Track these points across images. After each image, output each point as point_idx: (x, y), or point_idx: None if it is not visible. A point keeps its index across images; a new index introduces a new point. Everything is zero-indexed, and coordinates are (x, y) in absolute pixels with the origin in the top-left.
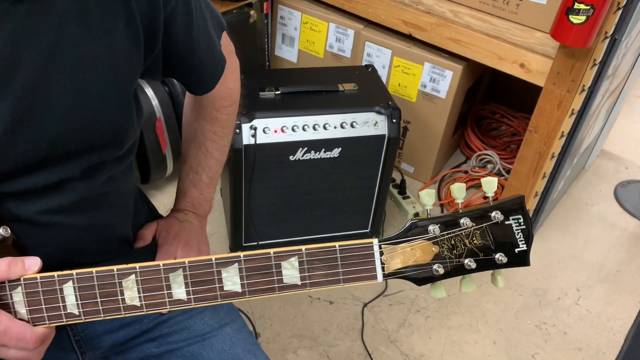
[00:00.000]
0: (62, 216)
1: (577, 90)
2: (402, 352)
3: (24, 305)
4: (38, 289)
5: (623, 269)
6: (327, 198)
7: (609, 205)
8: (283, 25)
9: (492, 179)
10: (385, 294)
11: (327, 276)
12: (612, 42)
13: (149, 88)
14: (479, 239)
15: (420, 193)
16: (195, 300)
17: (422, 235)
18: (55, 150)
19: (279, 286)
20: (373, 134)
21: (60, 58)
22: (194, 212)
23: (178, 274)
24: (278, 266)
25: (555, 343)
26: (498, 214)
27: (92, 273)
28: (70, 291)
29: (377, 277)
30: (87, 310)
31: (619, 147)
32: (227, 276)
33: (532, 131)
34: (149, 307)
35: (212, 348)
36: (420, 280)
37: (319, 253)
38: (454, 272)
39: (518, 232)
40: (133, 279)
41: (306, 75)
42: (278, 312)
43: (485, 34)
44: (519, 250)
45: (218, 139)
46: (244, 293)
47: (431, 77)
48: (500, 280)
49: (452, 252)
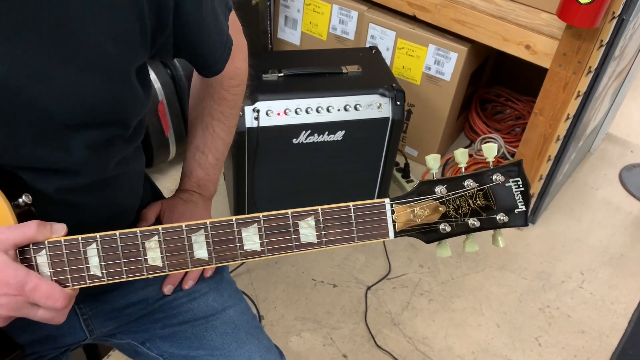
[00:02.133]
0: (74, 195)
1: (584, 72)
2: (405, 334)
3: (48, 268)
4: (62, 251)
5: (627, 253)
6: (330, 181)
7: (614, 189)
8: (286, 7)
9: (492, 144)
10: (388, 277)
11: (342, 234)
12: (619, 22)
13: (151, 71)
14: (481, 199)
15: (426, 157)
16: (216, 259)
17: (430, 195)
18: (53, 121)
19: (297, 244)
20: (377, 116)
21: (63, 33)
22: (199, 193)
23: (200, 234)
24: (295, 225)
25: (558, 326)
26: (499, 175)
27: (115, 235)
28: (94, 252)
29: (389, 235)
30: (110, 271)
31: (624, 130)
32: (247, 235)
33: (537, 114)
34: (171, 267)
35: (216, 330)
36: (428, 238)
37: (334, 212)
38: (459, 231)
39: (517, 194)
40: (156, 240)
41: (309, 57)
42: (282, 295)
43: (490, 15)
44: (518, 211)
45: (225, 120)
46: (263, 252)
47: (436, 59)
48: (501, 240)
49: (457, 211)
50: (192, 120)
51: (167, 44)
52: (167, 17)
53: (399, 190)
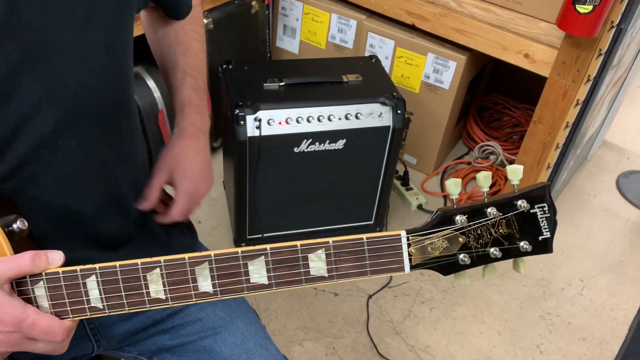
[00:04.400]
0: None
1: (583, 81)
2: (407, 343)
3: (46, 300)
4: (60, 283)
5: (626, 259)
6: (331, 190)
7: (612, 196)
8: (284, 16)
9: (517, 166)
10: (389, 286)
11: (354, 268)
12: (618, 31)
13: (151, 80)
14: (504, 227)
15: (446, 182)
16: (221, 292)
17: (449, 225)
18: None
19: (306, 278)
20: (378, 125)
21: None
22: (201, 127)
23: (204, 267)
24: (305, 259)
25: (559, 333)
26: (524, 202)
27: (115, 267)
28: (94, 285)
29: (405, 269)
30: (111, 304)
31: (620, 137)
32: (254, 269)
33: (536, 122)
34: (175, 300)
35: (225, 342)
36: (447, 270)
37: (346, 245)
38: (480, 261)
39: (542, 220)
40: (158, 273)
41: (310, 66)
42: (283, 304)
43: (489, 24)
44: (543, 238)
45: (200, 39)
46: (270, 285)
47: (435, 68)
48: (522, 267)
49: (478, 241)
50: (166, 48)
51: None
52: None
53: (399, 198)
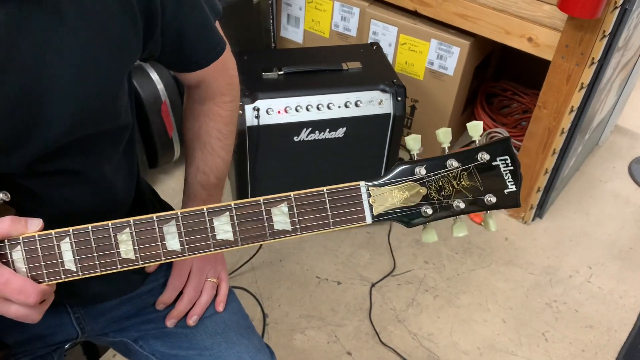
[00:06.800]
0: (62, 188)
1: (587, 64)
2: (410, 331)
3: (23, 264)
4: (36, 246)
5: (636, 246)
6: (332, 178)
7: (623, 182)
8: (288, 5)
9: (477, 122)
10: (393, 274)
11: (317, 220)
12: (622, 12)
13: (154, 72)
14: (466, 180)
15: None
16: (189, 250)
17: (408, 176)
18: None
19: (270, 232)
20: (378, 112)
21: (57, 43)
22: None
23: (171, 224)
24: (268, 212)
25: (565, 321)
26: (484, 154)
27: (87, 229)
28: (68, 247)
29: (366, 219)
30: (84, 265)
31: (634, 122)
32: (219, 225)
33: (541, 106)
34: (144, 260)
35: (206, 330)
36: (410, 221)
37: (307, 198)
38: (443, 214)
39: (506, 173)
40: (128, 232)
41: (310, 54)
42: (286, 293)
43: (491, 8)
44: (508, 192)
45: (223, 137)
46: (236, 241)
47: (438, 54)
48: (492, 224)
49: (439, 193)
50: (188, 141)
51: (157, 46)
52: (156, 21)
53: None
